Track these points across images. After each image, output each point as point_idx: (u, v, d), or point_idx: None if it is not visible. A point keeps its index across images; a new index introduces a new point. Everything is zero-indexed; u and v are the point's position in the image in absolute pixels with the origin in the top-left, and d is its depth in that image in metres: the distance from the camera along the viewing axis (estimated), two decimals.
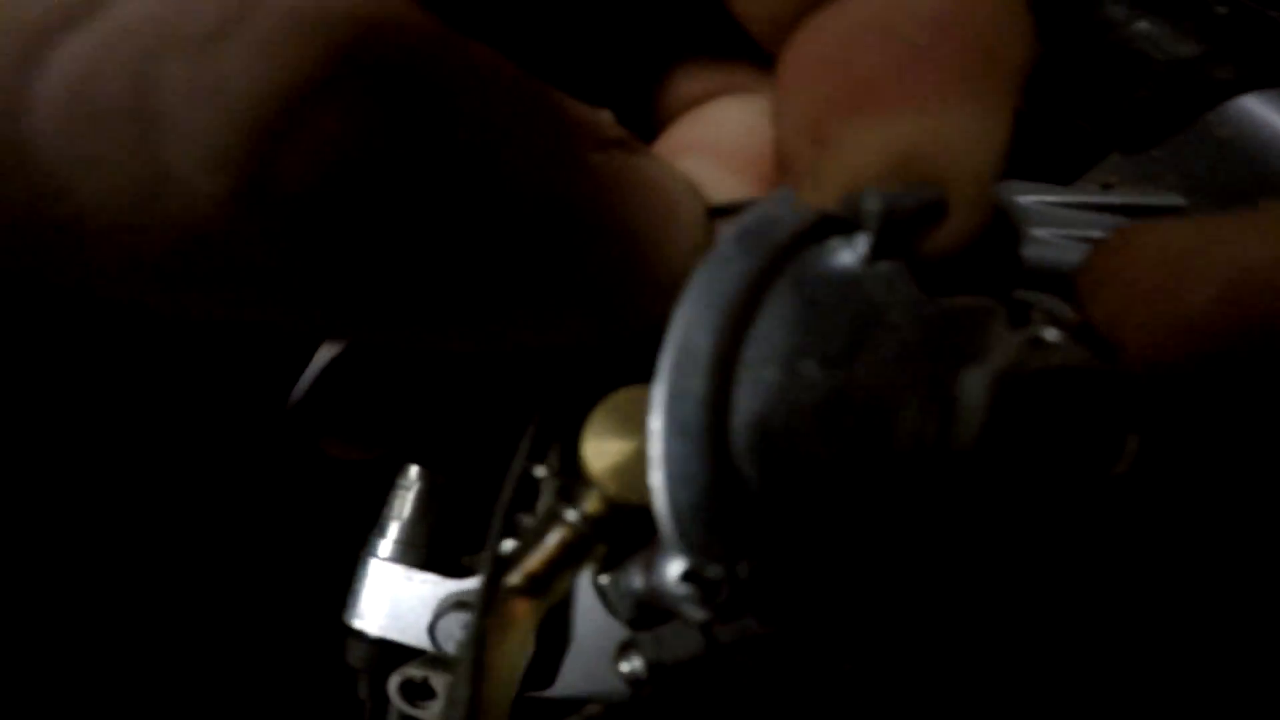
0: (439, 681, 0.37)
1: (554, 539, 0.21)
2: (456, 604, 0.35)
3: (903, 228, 0.19)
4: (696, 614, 0.21)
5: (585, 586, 0.33)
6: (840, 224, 0.20)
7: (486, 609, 0.21)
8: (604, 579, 0.24)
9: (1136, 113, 0.41)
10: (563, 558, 0.21)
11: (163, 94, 0.14)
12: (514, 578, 0.22)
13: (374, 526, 0.36)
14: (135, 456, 0.40)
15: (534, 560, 0.21)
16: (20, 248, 0.16)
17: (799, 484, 0.19)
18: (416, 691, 0.38)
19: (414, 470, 0.35)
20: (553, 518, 0.21)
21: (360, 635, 0.37)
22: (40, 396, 0.34)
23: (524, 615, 0.22)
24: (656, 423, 0.18)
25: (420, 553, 0.35)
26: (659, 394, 0.18)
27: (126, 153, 0.14)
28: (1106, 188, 0.43)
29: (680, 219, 0.20)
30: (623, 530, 0.22)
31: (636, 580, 0.23)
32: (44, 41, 0.14)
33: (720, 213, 0.23)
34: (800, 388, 0.19)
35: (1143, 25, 0.42)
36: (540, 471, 0.22)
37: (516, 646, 0.23)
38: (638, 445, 0.20)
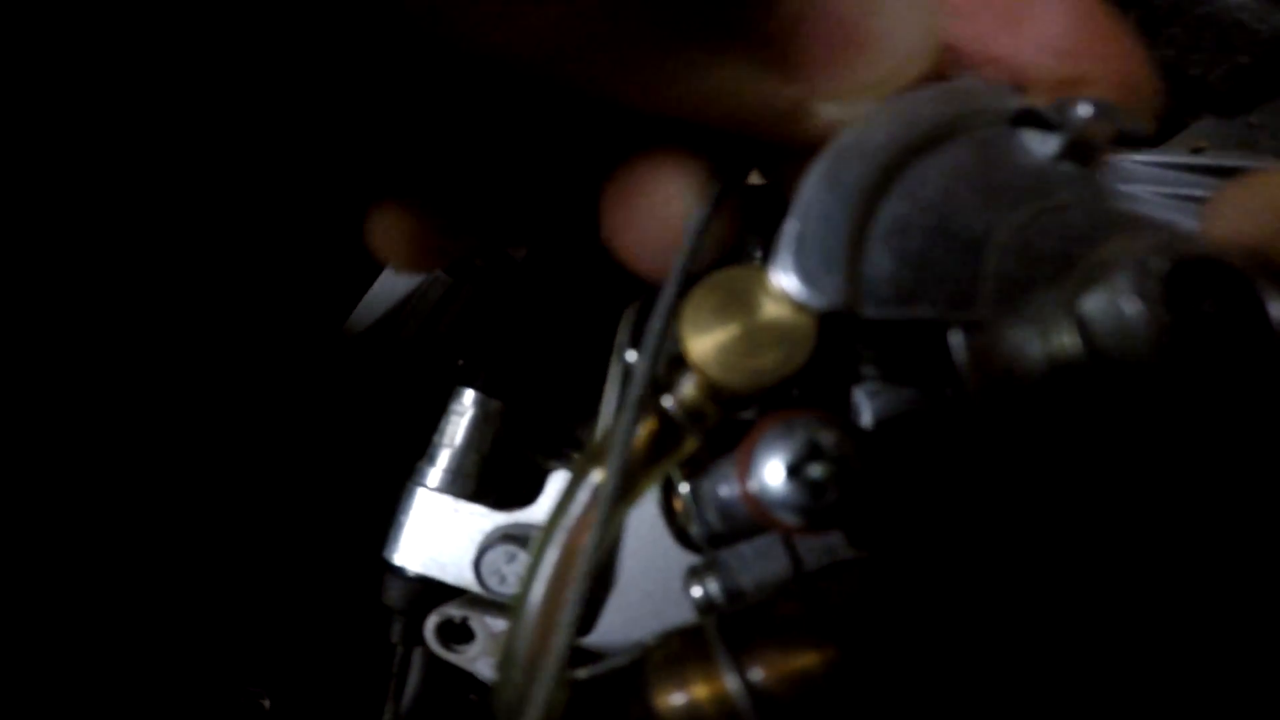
0: (479, 623, 0.36)
1: (645, 429, 0.19)
2: (504, 537, 0.33)
3: (1099, 141, 0.20)
4: (793, 519, 0.19)
5: (637, 520, 0.32)
6: (1042, 120, 0.20)
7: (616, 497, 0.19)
8: (684, 487, 0.22)
9: (1236, 78, 0.40)
10: (653, 451, 0.19)
11: None
12: (595, 476, 0.20)
13: (422, 455, 0.35)
14: (160, 391, 0.39)
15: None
16: None
17: (916, 294, 0.19)
18: (454, 633, 0.37)
19: (469, 395, 0.34)
20: (644, 406, 0.20)
21: (399, 572, 0.36)
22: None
23: (600, 525, 0.20)
24: (813, 173, 0.19)
25: (470, 483, 0.34)
26: (825, 154, 0.19)
27: None
28: (1196, 151, 0.43)
29: (899, 29, 0.20)
30: (717, 425, 0.20)
31: (725, 486, 0.21)
32: None
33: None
34: (953, 209, 0.19)
35: None
36: (631, 356, 0.21)
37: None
38: (742, 326, 0.19)
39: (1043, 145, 0.20)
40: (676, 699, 0.19)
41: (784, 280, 0.18)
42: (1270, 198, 0.22)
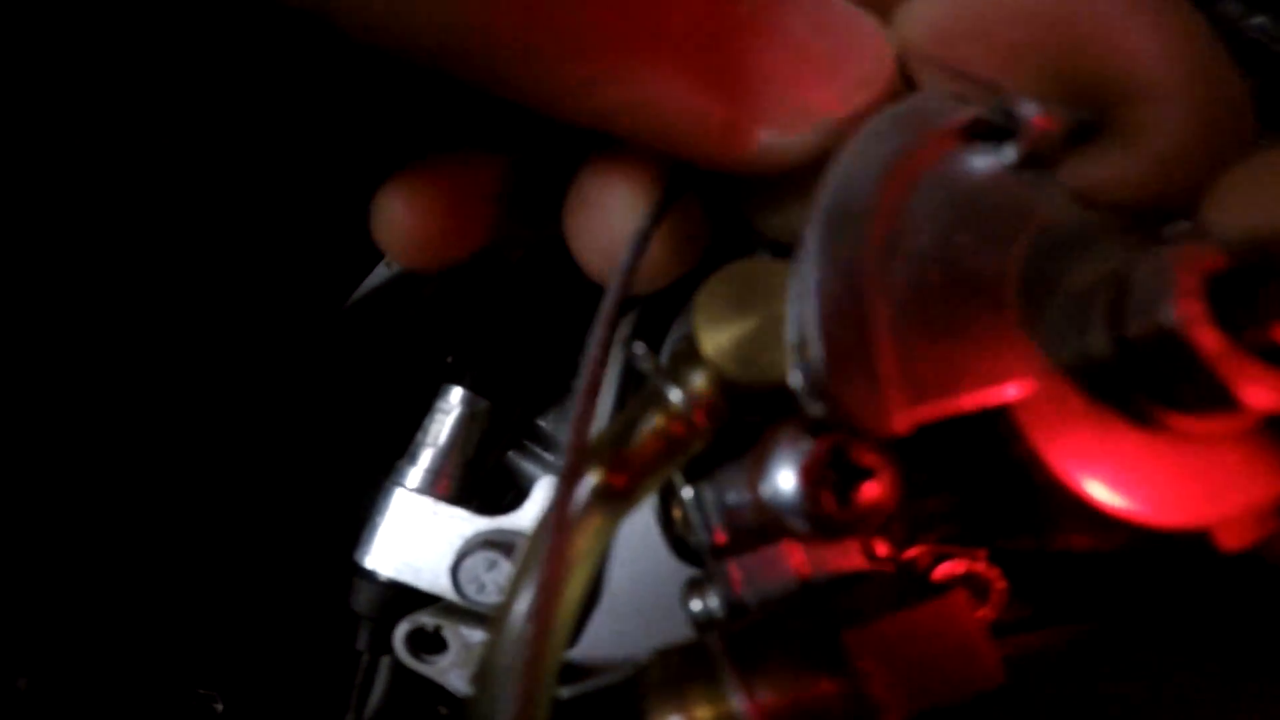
0: (453, 633, 0.34)
1: (649, 427, 0.18)
2: (485, 543, 0.31)
3: (1053, 141, 0.19)
4: (807, 528, 0.18)
5: (628, 528, 0.30)
6: (992, 129, 0.19)
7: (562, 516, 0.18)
8: (688, 492, 0.21)
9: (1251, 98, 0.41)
10: (658, 451, 0.18)
11: None
12: (592, 477, 0.18)
13: (403, 454, 0.33)
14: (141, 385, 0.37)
15: (624, 453, 0.18)
16: None
17: (959, 369, 0.17)
18: (425, 643, 0.35)
19: (456, 392, 0.32)
20: (649, 402, 0.18)
21: (370, 576, 0.34)
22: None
23: (596, 531, 0.19)
24: (813, 260, 0.16)
25: (452, 485, 0.32)
26: (816, 236, 0.16)
27: None
28: None
29: (851, 54, 0.19)
30: (726, 425, 0.19)
31: (733, 491, 0.19)
32: None
33: None
34: (957, 259, 0.18)
35: (1259, 20, 0.42)
36: (638, 349, 0.19)
37: (581, 576, 0.19)
38: (759, 320, 0.17)
39: (1000, 156, 0.19)
40: None
41: (825, 409, 0.16)
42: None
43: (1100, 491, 0.17)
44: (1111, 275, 0.18)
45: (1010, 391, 0.17)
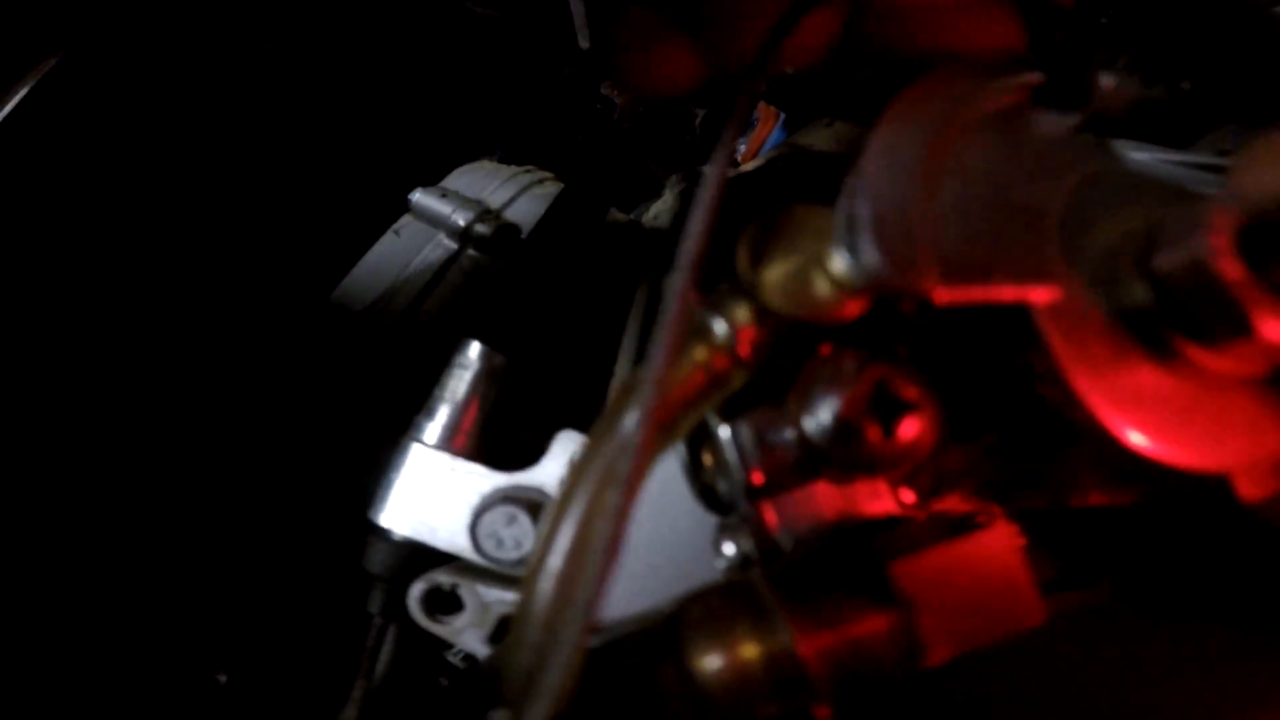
0: (470, 592, 0.34)
1: (691, 360, 0.18)
2: (504, 499, 0.31)
3: (1116, 111, 0.21)
4: (847, 459, 0.18)
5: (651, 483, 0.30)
6: (1063, 94, 0.20)
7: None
8: (724, 431, 0.21)
9: (1273, 85, 0.41)
10: (699, 385, 0.18)
11: None
12: (634, 412, 0.18)
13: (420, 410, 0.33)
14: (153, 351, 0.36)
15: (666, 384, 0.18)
16: None
17: (990, 266, 0.18)
18: (441, 603, 0.34)
19: (475, 348, 0.32)
20: (691, 335, 0.18)
21: (384, 534, 0.34)
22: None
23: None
24: (870, 157, 0.18)
25: (470, 440, 0.32)
26: (877, 140, 0.18)
27: None
28: (1223, 153, 0.43)
29: None
30: (765, 359, 0.18)
31: (772, 430, 0.19)
32: None
33: None
34: (1004, 184, 0.19)
35: None
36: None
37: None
38: (805, 256, 0.17)
39: (1062, 118, 0.20)
40: (719, 660, 0.17)
41: (867, 258, 0.17)
42: None
43: (1121, 422, 0.17)
44: (1150, 222, 0.18)
45: (1039, 294, 0.18)
